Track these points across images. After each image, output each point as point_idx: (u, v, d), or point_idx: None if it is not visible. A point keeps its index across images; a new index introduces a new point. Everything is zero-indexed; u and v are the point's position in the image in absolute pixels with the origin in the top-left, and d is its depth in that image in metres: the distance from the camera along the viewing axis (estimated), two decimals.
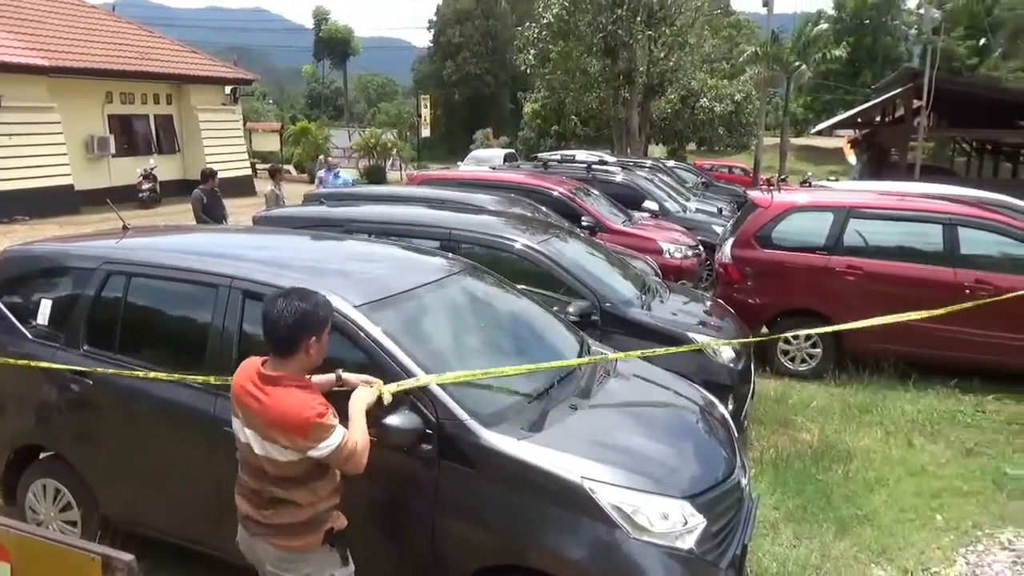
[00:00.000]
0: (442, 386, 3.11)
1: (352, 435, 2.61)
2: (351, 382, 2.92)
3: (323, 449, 2.53)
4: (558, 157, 15.28)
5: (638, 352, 4.34)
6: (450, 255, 4.72)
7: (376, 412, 2.87)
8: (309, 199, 8.50)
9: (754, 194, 8.71)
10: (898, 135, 25.73)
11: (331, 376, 2.92)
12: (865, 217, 7.53)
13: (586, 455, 3.04)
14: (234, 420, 2.74)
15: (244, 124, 30.02)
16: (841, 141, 37.42)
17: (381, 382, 2.93)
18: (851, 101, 46.58)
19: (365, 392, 2.84)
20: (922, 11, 28.97)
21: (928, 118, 23.04)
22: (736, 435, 3.99)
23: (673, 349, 4.59)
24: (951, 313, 5.27)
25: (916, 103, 22.81)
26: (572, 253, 5.92)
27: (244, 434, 2.67)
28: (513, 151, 32.48)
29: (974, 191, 10.14)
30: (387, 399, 2.87)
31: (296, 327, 2.59)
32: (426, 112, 36.91)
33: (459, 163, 27.29)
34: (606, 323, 5.24)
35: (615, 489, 2.92)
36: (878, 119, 28.85)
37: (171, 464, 3.65)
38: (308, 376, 2.73)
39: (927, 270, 7.12)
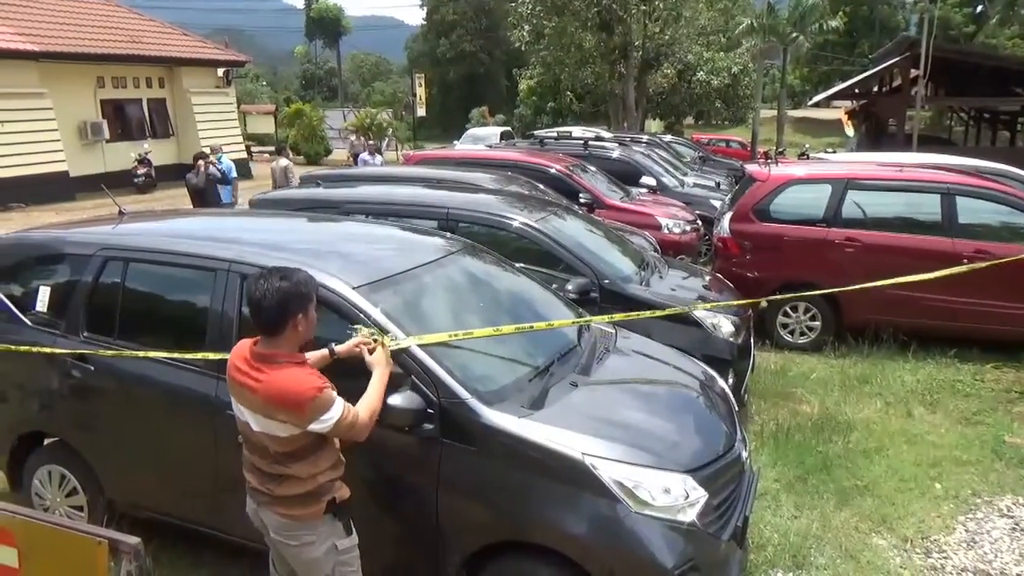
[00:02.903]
0: (443, 365, 3.12)
1: (359, 406, 2.68)
2: (345, 352, 2.95)
3: (325, 423, 2.57)
4: (554, 134, 15.17)
5: (621, 315, 4.32)
6: (448, 235, 4.71)
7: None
8: (306, 181, 8.46)
9: (752, 168, 8.68)
10: (896, 105, 25.57)
11: (324, 352, 2.93)
12: (863, 189, 7.51)
13: (587, 431, 3.05)
14: (233, 401, 2.76)
15: (238, 106, 29.82)
16: (839, 112, 37.19)
17: (367, 332, 2.96)
18: (849, 72, 46.20)
19: (381, 366, 2.86)
20: None
21: (926, 87, 22.88)
22: (736, 409, 4.01)
23: (653, 313, 4.63)
24: (950, 283, 5.28)
25: (914, 72, 22.65)
26: (570, 230, 5.91)
27: (242, 413, 2.71)
28: (509, 129, 32.36)
29: (972, 160, 10.10)
30: (387, 357, 2.91)
31: (280, 307, 2.60)
32: (421, 91, 36.60)
33: (455, 142, 27.16)
34: (605, 300, 5.24)
35: (616, 464, 2.93)
36: (876, 89, 28.66)
37: (173, 448, 3.67)
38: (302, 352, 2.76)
39: (925, 240, 7.12)
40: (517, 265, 4.59)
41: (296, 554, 2.74)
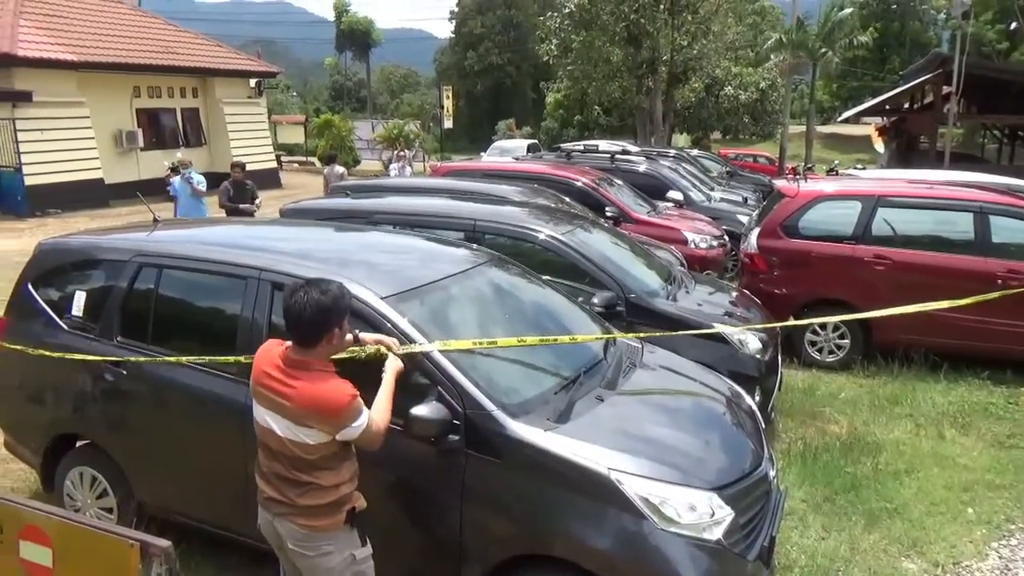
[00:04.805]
0: (469, 377, 3.13)
1: (373, 415, 2.72)
2: (367, 340, 2.99)
3: (354, 430, 2.63)
4: (581, 147, 15.17)
5: (647, 334, 4.32)
6: (475, 246, 4.73)
7: (403, 403, 2.90)
8: (335, 191, 8.56)
9: (780, 183, 8.62)
10: (927, 122, 25.29)
11: (349, 337, 2.95)
12: (894, 206, 7.42)
13: (613, 446, 3.04)
14: (255, 406, 2.78)
15: (269, 117, 30.27)
16: (868, 129, 36.84)
17: (395, 341, 3.05)
18: (879, 88, 45.78)
19: (392, 375, 2.91)
20: None
21: (958, 104, 22.60)
22: (763, 427, 3.97)
23: (689, 332, 4.61)
24: (983, 303, 5.17)
25: (946, 89, 22.40)
26: (596, 243, 5.91)
27: (265, 419, 2.71)
28: (536, 141, 32.45)
29: (996, 177, 9.95)
30: (399, 364, 2.96)
31: (319, 320, 2.64)
32: (448, 103, 36.91)
33: (482, 154, 27.28)
34: (631, 314, 5.22)
35: (642, 480, 2.92)
36: (907, 106, 28.36)
37: (202, 452, 3.71)
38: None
39: (958, 259, 7.01)
40: (543, 277, 4.59)
41: (313, 565, 2.74)
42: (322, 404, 2.59)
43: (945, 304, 4.05)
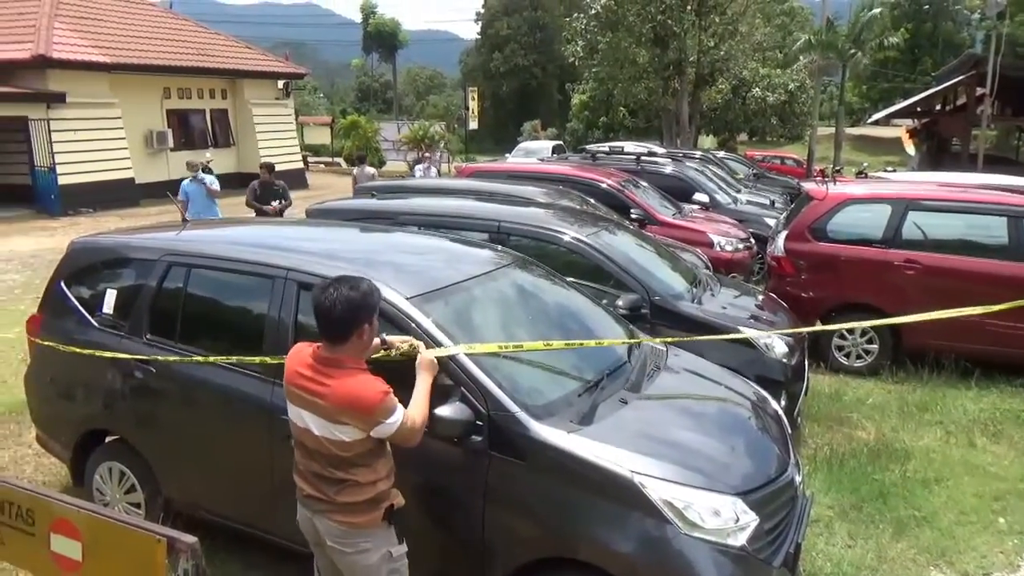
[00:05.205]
0: (492, 378, 3.13)
1: (411, 412, 2.73)
2: (395, 343, 3.02)
3: (389, 427, 2.63)
4: (606, 149, 15.11)
5: (673, 339, 4.29)
6: (499, 247, 4.73)
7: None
8: (360, 192, 8.61)
9: (809, 186, 8.52)
10: (960, 124, 24.89)
11: (377, 340, 2.97)
12: (925, 209, 7.30)
13: (636, 449, 3.02)
14: (290, 406, 2.80)
15: (296, 118, 30.55)
16: (899, 131, 36.33)
17: (422, 344, 3.06)
18: (910, 89, 45.14)
19: (427, 372, 2.92)
20: None
21: (992, 106, 22.18)
22: (789, 432, 3.92)
23: (715, 337, 4.56)
24: (1015, 309, 5.08)
25: (979, 91, 22.02)
26: (621, 246, 5.88)
27: (301, 418, 2.73)
28: (561, 143, 32.43)
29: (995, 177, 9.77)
30: (433, 360, 2.99)
31: (349, 316, 2.66)
32: (474, 104, 36.98)
33: (507, 155, 27.31)
34: (656, 316, 5.19)
35: (666, 484, 2.90)
36: (939, 108, 27.91)
37: (229, 450, 3.75)
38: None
39: (991, 264, 6.88)
40: (568, 279, 4.58)
41: (352, 561, 2.76)
42: (355, 401, 2.61)
43: (979, 310, 3.97)
